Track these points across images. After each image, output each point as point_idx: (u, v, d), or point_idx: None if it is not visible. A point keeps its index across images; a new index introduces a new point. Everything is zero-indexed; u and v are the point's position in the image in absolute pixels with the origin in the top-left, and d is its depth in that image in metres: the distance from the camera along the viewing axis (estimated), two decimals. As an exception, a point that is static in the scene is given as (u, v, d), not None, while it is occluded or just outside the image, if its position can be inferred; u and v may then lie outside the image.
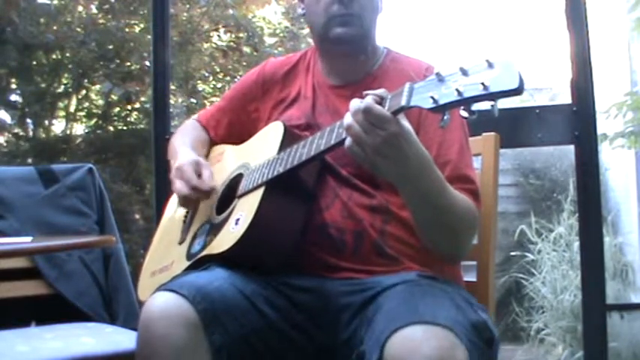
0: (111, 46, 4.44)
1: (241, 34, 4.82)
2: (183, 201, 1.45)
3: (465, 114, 1.03)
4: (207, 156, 1.63)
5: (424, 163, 1.19)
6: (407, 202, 1.26)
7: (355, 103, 1.13)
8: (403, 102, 1.08)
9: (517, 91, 0.97)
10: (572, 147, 2.15)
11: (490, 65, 0.99)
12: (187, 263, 1.40)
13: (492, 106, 1.00)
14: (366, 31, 1.44)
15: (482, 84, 0.98)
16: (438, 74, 1.05)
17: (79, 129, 4.70)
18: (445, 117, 1.05)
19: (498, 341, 1.20)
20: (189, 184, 1.42)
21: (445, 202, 1.24)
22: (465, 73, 1.02)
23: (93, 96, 4.75)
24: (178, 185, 1.43)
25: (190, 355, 1.15)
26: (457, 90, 1.01)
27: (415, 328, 1.04)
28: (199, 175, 1.44)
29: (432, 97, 1.04)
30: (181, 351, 1.14)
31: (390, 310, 1.13)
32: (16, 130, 4.54)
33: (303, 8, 1.52)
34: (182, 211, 1.58)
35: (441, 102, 1.03)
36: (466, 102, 1.01)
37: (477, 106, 1.02)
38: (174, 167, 1.47)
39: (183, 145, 1.57)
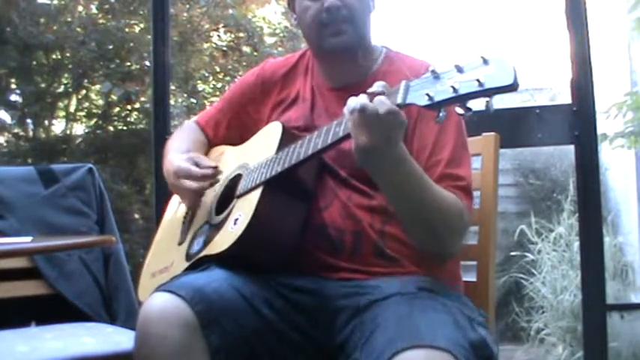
0: (111, 46, 4.44)
1: (241, 34, 4.83)
2: (199, 195, 1.46)
3: (460, 111, 1.03)
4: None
5: (404, 159, 1.19)
6: (385, 196, 1.27)
7: (352, 102, 1.14)
8: (399, 100, 1.09)
9: (512, 87, 0.97)
10: (572, 147, 2.15)
11: (485, 62, 1.00)
12: (187, 264, 1.40)
13: (487, 102, 1.00)
14: (359, 35, 1.44)
15: (478, 80, 0.98)
16: (433, 71, 1.05)
17: (79, 129, 4.70)
18: (440, 114, 1.05)
19: (497, 357, 1.20)
20: (195, 177, 1.43)
21: (423, 196, 1.23)
22: (460, 70, 1.02)
23: (93, 96, 4.75)
24: (187, 184, 1.44)
25: (188, 356, 1.15)
26: (452, 87, 1.01)
27: (415, 353, 1.04)
28: (197, 165, 1.45)
29: (428, 95, 1.04)
30: (179, 352, 1.14)
31: (390, 327, 1.13)
32: (16, 130, 4.54)
33: (295, 18, 1.52)
34: (182, 211, 1.58)
35: (437, 99, 1.03)
36: (461, 99, 1.01)
37: (474, 105, 1.02)
38: (172, 173, 1.47)
39: (176, 150, 1.57)
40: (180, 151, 1.56)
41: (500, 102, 1.02)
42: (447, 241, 1.30)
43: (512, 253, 3.92)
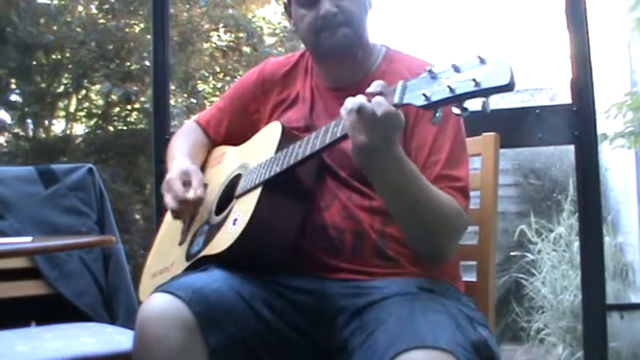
0: (111, 46, 4.43)
1: (241, 34, 4.82)
2: (176, 215, 1.44)
3: (456, 111, 1.03)
4: (207, 158, 1.63)
5: (400, 159, 1.19)
6: (381, 196, 1.26)
7: (349, 102, 1.14)
8: (396, 100, 1.09)
9: (508, 87, 0.97)
10: (572, 147, 2.15)
11: (482, 61, 1.00)
12: (186, 264, 1.41)
13: (484, 102, 1.00)
14: (357, 36, 1.43)
15: (474, 80, 0.98)
16: (430, 71, 1.05)
17: (79, 129, 4.69)
18: (437, 114, 1.05)
19: (500, 358, 1.20)
20: (176, 198, 1.41)
21: (420, 197, 1.22)
22: (457, 69, 1.02)
23: (93, 96, 4.75)
24: (167, 199, 1.43)
25: (186, 357, 1.15)
26: (449, 87, 1.01)
27: (417, 354, 1.04)
28: (189, 184, 1.43)
29: (424, 95, 1.04)
30: (177, 353, 1.14)
31: (391, 328, 1.13)
32: (16, 130, 4.53)
33: (293, 24, 1.51)
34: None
35: (433, 99, 1.03)
36: (458, 99, 1.01)
37: (471, 105, 1.02)
38: (164, 181, 1.46)
39: (179, 151, 1.56)
40: (183, 153, 1.55)
41: (500, 102, 1.02)
42: (443, 242, 1.30)
43: (512, 253, 3.92)
